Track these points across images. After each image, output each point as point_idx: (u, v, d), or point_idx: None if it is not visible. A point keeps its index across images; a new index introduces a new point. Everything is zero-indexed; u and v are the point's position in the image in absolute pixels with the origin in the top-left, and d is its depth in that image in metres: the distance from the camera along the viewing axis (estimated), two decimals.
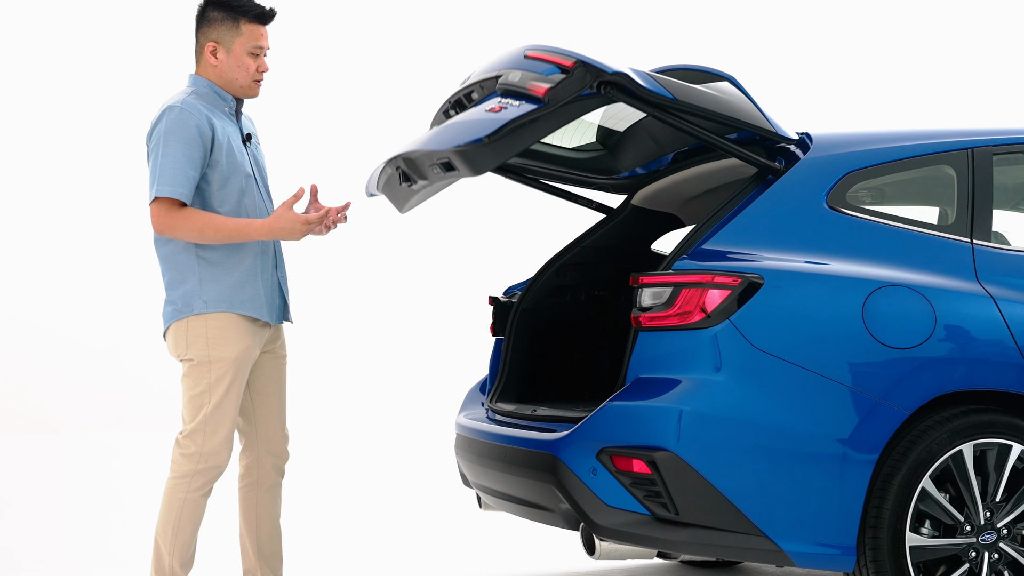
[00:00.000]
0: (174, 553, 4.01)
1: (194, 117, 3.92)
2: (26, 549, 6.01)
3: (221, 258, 4.00)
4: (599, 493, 3.64)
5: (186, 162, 3.88)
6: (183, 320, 4.01)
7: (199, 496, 4.03)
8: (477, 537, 6.22)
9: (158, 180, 3.89)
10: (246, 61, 4.04)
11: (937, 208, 4.32)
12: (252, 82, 4.08)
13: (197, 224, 3.91)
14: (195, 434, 3.99)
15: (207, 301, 3.99)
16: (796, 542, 3.56)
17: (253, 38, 4.04)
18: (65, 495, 7.95)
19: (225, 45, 4.03)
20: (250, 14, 4.02)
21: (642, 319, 3.72)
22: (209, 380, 3.98)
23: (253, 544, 4.25)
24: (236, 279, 4.02)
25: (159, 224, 3.92)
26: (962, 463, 3.69)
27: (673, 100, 3.76)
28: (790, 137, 4.00)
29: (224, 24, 4.02)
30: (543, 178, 5.06)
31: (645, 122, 4.67)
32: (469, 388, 5.12)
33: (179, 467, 4.01)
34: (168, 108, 3.95)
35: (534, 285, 4.94)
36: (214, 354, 3.98)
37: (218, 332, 3.99)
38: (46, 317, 12.44)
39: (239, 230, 3.95)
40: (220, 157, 3.97)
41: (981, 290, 3.82)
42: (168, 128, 3.91)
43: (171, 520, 4.01)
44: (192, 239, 3.94)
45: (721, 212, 3.85)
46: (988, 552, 3.71)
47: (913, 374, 3.65)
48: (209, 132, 3.94)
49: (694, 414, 3.54)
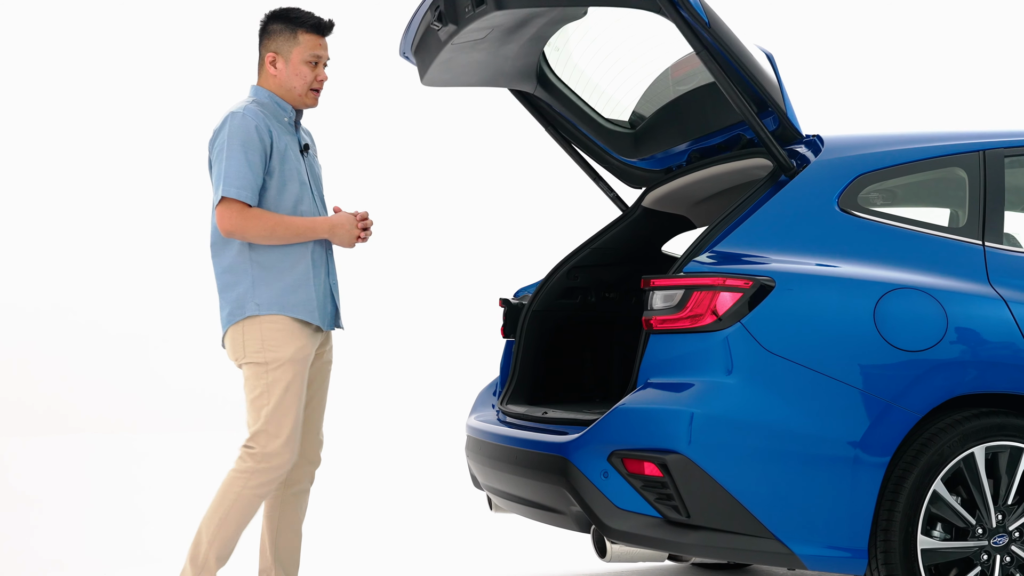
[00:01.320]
0: (213, 543, 4.02)
1: (254, 121, 4.02)
2: (50, 549, 6.03)
3: (274, 262, 4.07)
4: (610, 496, 3.64)
5: (248, 165, 3.99)
6: (239, 324, 4.07)
7: (254, 495, 4.05)
8: (488, 539, 6.22)
9: (224, 182, 3.97)
10: (303, 70, 4.14)
11: (949, 210, 4.31)
12: (309, 91, 4.18)
13: (268, 223, 4.00)
14: (258, 436, 4.04)
15: (259, 303, 4.05)
16: (807, 545, 3.55)
17: (310, 47, 4.15)
18: (88, 495, 7.98)
19: (283, 55, 4.14)
20: (307, 24, 4.14)
21: (653, 322, 3.72)
22: (267, 381, 4.04)
23: (272, 545, 4.27)
24: (289, 282, 4.07)
25: (229, 225, 3.98)
26: (974, 466, 3.68)
27: (706, 23, 3.77)
28: (799, 128, 4.00)
29: (283, 35, 4.14)
30: (573, 140, 5.15)
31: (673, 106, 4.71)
32: (480, 390, 5.12)
33: (241, 462, 4.06)
34: (231, 114, 4.05)
35: (545, 287, 4.95)
36: (269, 355, 4.04)
37: (272, 334, 4.04)
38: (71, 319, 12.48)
39: (307, 227, 4.07)
40: (277, 164, 4.07)
41: (993, 292, 3.81)
42: (231, 133, 4.01)
43: (220, 511, 4.03)
44: (262, 239, 4.01)
45: (732, 215, 3.85)
46: (1000, 555, 3.70)
47: (925, 377, 3.65)
48: (268, 139, 4.04)
49: (705, 417, 3.54)
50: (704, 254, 3.76)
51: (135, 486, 8.42)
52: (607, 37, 4.74)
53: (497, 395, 4.90)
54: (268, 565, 4.27)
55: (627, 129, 5.03)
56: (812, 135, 4.09)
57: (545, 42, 4.77)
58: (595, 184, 5.30)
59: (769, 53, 4.04)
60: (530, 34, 4.62)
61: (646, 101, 4.92)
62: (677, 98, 4.71)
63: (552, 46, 4.85)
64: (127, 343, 12.56)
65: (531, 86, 5.00)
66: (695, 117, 4.63)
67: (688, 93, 4.64)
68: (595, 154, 5.14)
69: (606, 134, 5.04)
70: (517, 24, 4.48)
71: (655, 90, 4.85)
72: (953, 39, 13.62)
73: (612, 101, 5.00)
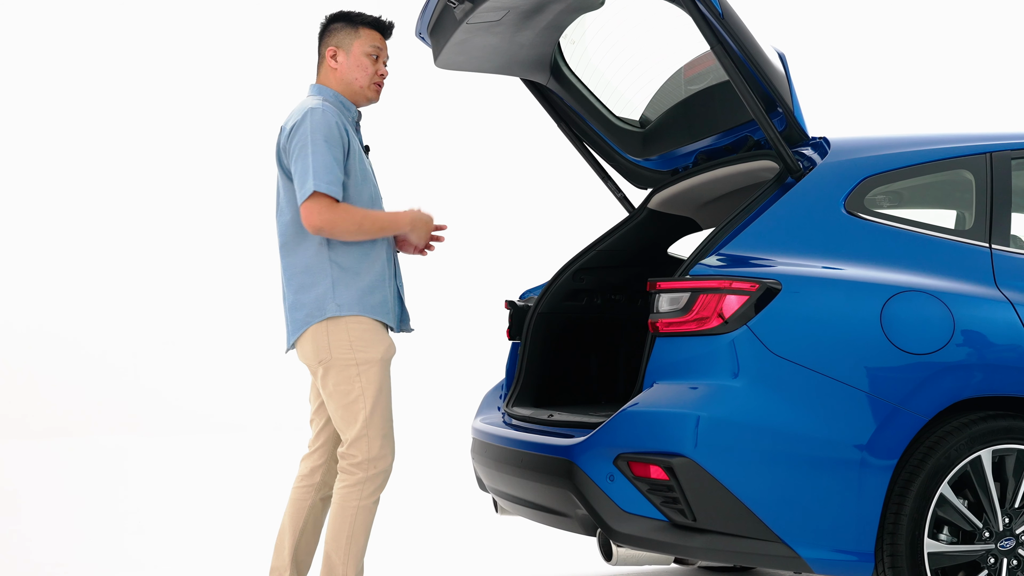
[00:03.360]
0: (348, 563, 4.00)
1: (333, 118, 3.98)
2: (45, 552, 6.03)
3: (353, 263, 4.02)
4: (616, 499, 3.63)
5: (333, 160, 3.93)
6: (321, 324, 3.99)
7: (371, 503, 4.03)
8: (493, 542, 6.21)
9: (313, 176, 3.89)
10: (364, 61, 4.13)
11: (955, 212, 4.30)
12: (372, 84, 4.16)
13: (357, 217, 3.95)
14: (359, 442, 3.99)
15: (340, 304, 3.99)
16: (814, 548, 3.54)
17: (371, 39, 4.14)
18: (82, 499, 7.98)
19: (344, 48, 4.13)
20: (368, 21, 4.15)
21: (659, 324, 3.71)
22: (361, 384, 3.99)
23: (292, 545, 4.21)
24: (367, 284, 4.03)
25: (319, 220, 3.90)
26: (980, 469, 3.67)
27: (720, 15, 3.77)
28: (806, 130, 3.99)
29: (344, 31, 4.14)
30: (583, 136, 5.16)
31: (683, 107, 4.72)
32: (486, 392, 5.12)
33: (350, 476, 4.00)
34: (311, 110, 3.98)
35: (550, 289, 4.94)
36: (360, 356, 3.99)
37: (360, 334, 3.99)
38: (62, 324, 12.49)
39: (391, 221, 4.05)
40: (354, 164, 4.04)
41: (1000, 295, 3.80)
42: (314, 128, 3.94)
43: (345, 529, 4.00)
44: (351, 235, 3.96)
45: (738, 217, 3.84)
46: (1007, 558, 3.69)
47: (931, 380, 3.63)
48: (346, 136, 4.01)
49: (712, 420, 3.53)
50: (710, 257, 3.75)
51: (125, 490, 8.42)
52: (622, 32, 4.74)
53: (503, 397, 4.90)
54: (283, 564, 4.22)
55: (636, 128, 5.03)
56: (819, 137, 4.08)
57: (561, 32, 4.77)
58: (603, 183, 5.30)
59: (781, 53, 4.04)
60: (546, 22, 4.61)
61: (657, 100, 4.92)
62: (687, 98, 4.71)
63: (568, 38, 4.85)
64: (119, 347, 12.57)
65: (544, 77, 5.00)
66: (703, 118, 4.62)
67: (697, 93, 4.64)
68: (604, 152, 5.14)
69: (616, 132, 5.04)
70: (533, 8, 4.48)
71: (667, 90, 4.85)
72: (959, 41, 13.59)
73: (623, 99, 5.00)
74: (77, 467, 9.86)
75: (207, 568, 5.67)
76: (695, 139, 4.71)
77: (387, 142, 12.23)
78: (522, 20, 4.56)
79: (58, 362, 12.39)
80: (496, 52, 4.78)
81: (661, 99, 4.91)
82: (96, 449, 11.04)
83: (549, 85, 5.04)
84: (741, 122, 4.42)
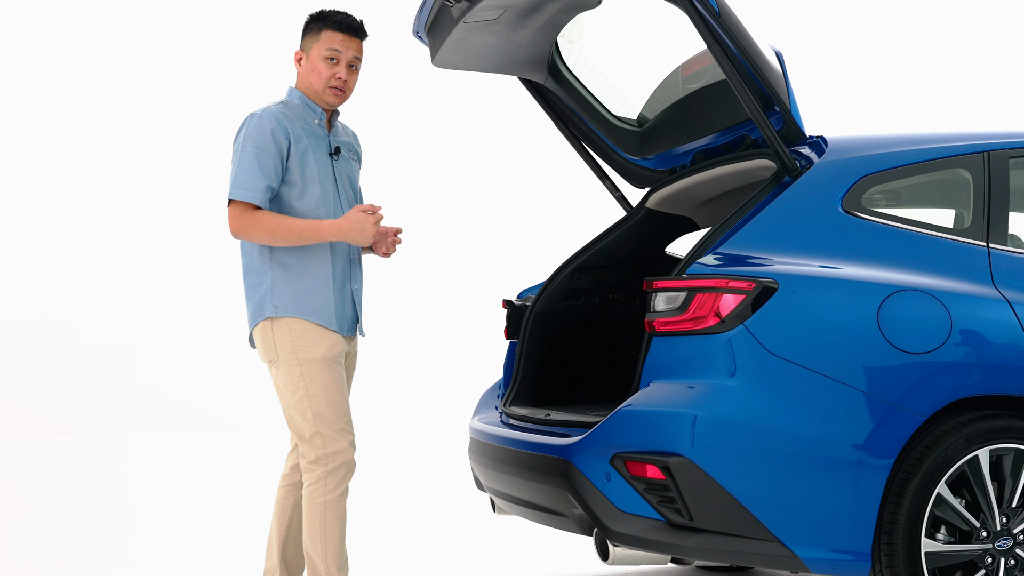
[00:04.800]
0: (328, 559, 4.03)
1: (270, 124, 4.02)
2: (45, 551, 6.02)
3: (294, 263, 4.06)
4: (613, 498, 3.63)
5: (259, 167, 3.98)
6: (265, 323, 4.06)
7: (337, 496, 4.05)
8: (491, 541, 6.21)
9: (232, 184, 4.00)
10: (319, 66, 4.12)
11: (953, 211, 4.30)
12: (327, 88, 4.14)
13: (269, 226, 3.98)
14: (313, 439, 4.03)
15: (277, 305, 4.04)
16: (810, 548, 3.54)
17: (328, 43, 4.12)
18: (83, 498, 7.98)
19: (306, 51, 4.16)
20: (330, 21, 4.13)
21: (656, 324, 3.71)
22: (305, 383, 4.03)
23: (280, 545, 4.26)
24: (307, 286, 4.06)
25: (234, 226, 4.00)
26: (978, 468, 3.67)
27: (716, 13, 3.76)
28: (803, 128, 3.99)
29: (310, 34, 4.15)
30: (581, 135, 5.16)
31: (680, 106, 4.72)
32: (483, 392, 5.11)
33: (309, 475, 4.05)
34: (250, 116, 4.07)
35: (548, 288, 4.94)
36: (302, 356, 4.03)
37: (300, 335, 4.04)
38: (63, 323, 12.48)
39: (310, 230, 4.01)
40: (296, 167, 4.05)
41: (997, 294, 3.79)
42: (246, 134, 4.03)
43: (317, 527, 4.03)
44: (266, 241, 4.00)
45: (736, 216, 3.83)
46: (1004, 558, 3.68)
47: (929, 379, 3.63)
48: (285, 141, 4.03)
49: (708, 419, 3.53)
50: (707, 256, 3.74)
51: (128, 490, 8.42)
52: (620, 31, 4.74)
53: (500, 397, 4.89)
54: (274, 565, 4.26)
55: (634, 127, 5.03)
56: (816, 136, 4.08)
57: (558, 31, 4.77)
58: (601, 182, 5.30)
59: (778, 51, 4.03)
60: (543, 20, 4.61)
61: (655, 99, 4.92)
62: (684, 97, 4.70)
63: (565, 37, 4.85)
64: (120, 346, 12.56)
65: (542, 76, 4.99)
66: (701, 116, 4.62)
67: (695, 92, 4.63)
68: (601, 151, 5.14)
69: (613, 131, 5.04)
70: (530, 7, 4.47)
71: (664, 89, 4.85)
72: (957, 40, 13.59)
73: (621, 98, 5.00)
74: (77, 466, 9.85)
75: (207, 567, 5.67)
76: (693, 138, 4.70)
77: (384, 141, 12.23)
78: (519, 19, 4.55)
79: (58, 361, 12.38)
80: (493, 51, 4.78)
81: (659, 98, 4.91)
82: (96, 448, 11.03)
83: (547, 84, 5.03)
84: (738, 121, 4.41)
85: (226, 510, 7.41)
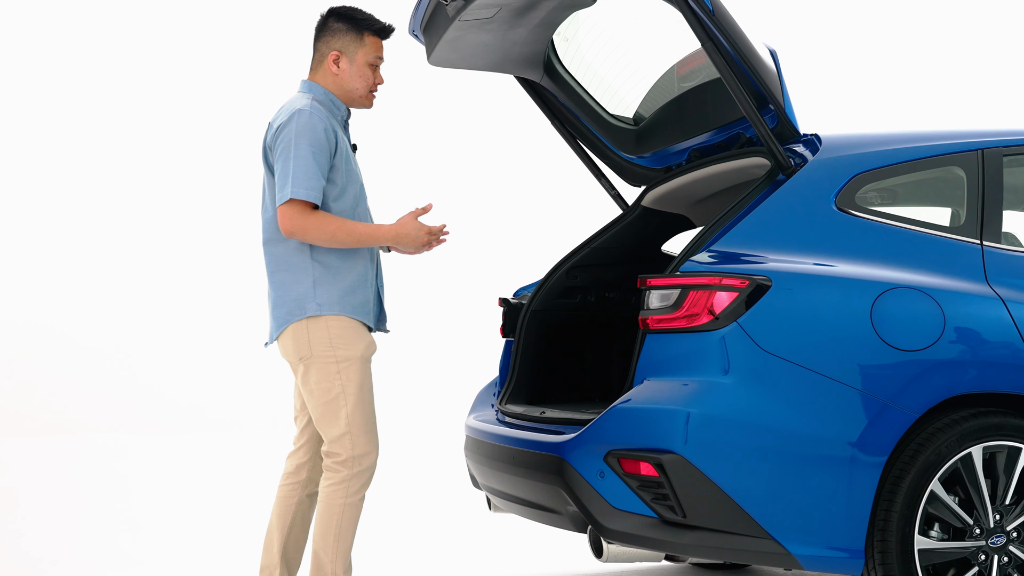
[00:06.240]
0: (337, 560, 4.02)
1: (322, 122, 3.97)
2: (42, 550, 6.03)
3: (336, 262, 4.03)
4: (606, 496, 3.63)
5: (316, 166, 3.92)
6: (301, 322, 4.01)
7: (357, 500, 4.05)
8: (487, 539, 6.21)
9: (292, 182, 3.90)
10: (366, 72, 4.12)
11: (947, 209, 4.30)
12: (368, 93, 4.15)
13: (330, 227, 3.93)
14: (342, 439, 4.01)
15: (321, 304, 4.00)
16: (804, 545, 3.54)
17: (375, 50, 4.12)
18: (79, 496, 7.98)
19: (348, 55, 4.11)
20: (373, 28, 4.11)
21: (650, 321, 3.71)
22: (342, 381, 4.00)
23: (280, 542, 4.23)
24: (348, 284, 4.04)
25: (292, 226, 3.92)
26: (971, 466, 3.67)
27: (710, 11, 3.76)
28: (797, 126, 3.99)
29: (348, 35, 4.10)
30: (576, 134, 5.16)
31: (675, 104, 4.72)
32: (479, 390, 5.12)
33: (334, 475, 4.02)
34: (298, 111, 3.97)
35: (544, 286, 4.94)
36: (340, 354, 4.00)
37: (340, 332, 4.01)
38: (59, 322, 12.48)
39: (368, 234, 4.00)
40: (340, 164, 4.02)
41: (991, 292, 3.80)
42: (299, 131, 3.94)
43: (332, 527, 4.02)
44: (323, 242, 3.95)
45: (729, 214, 3.84)
46: (998, 555, 3.69)
47: (922, 376, 3.63)
48: (334, 139, 4.00)
49: (701, 417, 3.53)
50: (701, 253, 3.74)
51: (122, 487, 8.41)
52: (616, 30, 4.74)
53: (497, 395, 4.90)
54: (272, 562, 4.23)
55: (630, 125, 5.03)
56: (810, 134, 4.08)
57: (554, 29, 4.77)
58: (597, 181, 5.30)
59: (773, 50, 4.03)
60: (538, 19, 4.61)
61: (650, 98, 4.92)
62: (679, 95, 4.71)
63: (561, 36, 4.85)
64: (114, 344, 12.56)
65: (538, 75, 5.00)
66: (696, 115, 4.63)
67: (690, 91, 4.64)
68: (597, 149, 5.14)
69: (609, 129, 5.04)
70: (526, 6, 4.47)
71: (660, 87, 4.85)
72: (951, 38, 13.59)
73: (617, 96, 5.00)
74: (73, 465, 9.85)
75: (202, 565, 5.67)
76: (688, 136, 4.71)
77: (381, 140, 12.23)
78: (515, 17, 4.55)
79: (54, 359, 12.38)
80: (489, 50, 4.78)
81: (654, 96, 4.91)
82: (92, 446, 11.03)
83: (543, 82, 5.04)
84: (734, 119, 4.42)
85: (220, 508, 7.41)
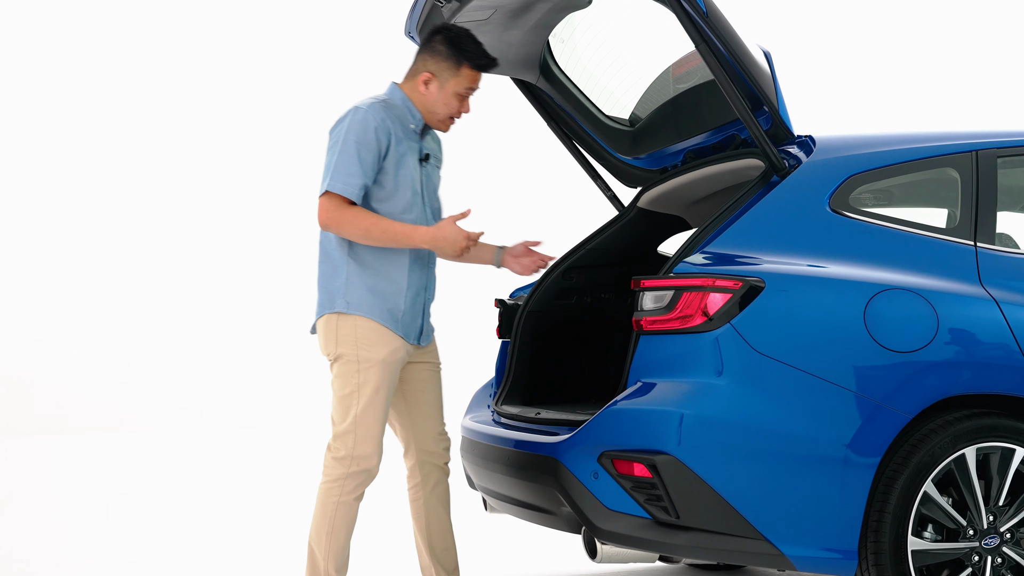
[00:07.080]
0: (329, 558, 4.04)
1: (374, 122, 3.98)
2: (33, 551, 6.02)
3: (371, 261, 4.04)
4: (600, 497, 3.63)
5: (359, 163, 3.94)
6: (332, 315, 4.04)
7: (352, 500, 4.05)
8: (482, 540, 6.21)
9: (331, 175, 3.95)
10: (452, 101, 4.12)
11: (941, 211, 4.31)
12: (448, 118, 4.15)
13: (364, 223, 3.95)
14: (345, 436, 4.02)
15: (349, 302, 4.02)
16: (797, 546, 3.55)
17: (468, 82, 4.12)
18: (71, 497, 7.97)
19: (440, 80, 4.11)
20: (473, 62, 4.10)
21: (643, 322, 3.72)
22: (358, 380, 4.01)
23: (425, 542, 4.31)
24: (381, 288, 4.05)
25: (325, 218, 3.95)
26: (965, 467, 3.68)
27: (704, 13, 3.77)
28: (791, 128, 4.00)
29: (447, 62, 4.09)
30: (573, 135, 5.16)
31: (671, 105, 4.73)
32: (476, 391, 5.12)
33: (331, 471, 4.04)
34: (354, 108, 4.02)
35: (540, 287, 4.95)
36: (363, 354, 4.01)
37: (367, 333, 4.02)
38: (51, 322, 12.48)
39: (404, 234, 3.99)
40: (391, 168, 4.03)
41: (984, 293, 3.80)
42: (349, 127, 3.98)
43: (325, 525, 4.04)
44: (356, 238, 3.97)
45: (723, 215, 3.84)
46: (991, 556, 3.70)
47: (916, 378, 3.64)
48: (386, 141, 4.00)
49: (695, 418, 3.54)
50: (695, 255, 3.75)
51: (115, 488, 8.41)
52: (611, 31, 4.74)
53: (492, 396, 4.90)
54: (426, 564, 4.33)
55: (626, 126, 5.04)
56: (804, 135, 4.09)
57: (550, 31, 4.78)
58: (593, 182, 5.31)
59: (767, 51, 4.04)
60: (534, 21, 4.62)
61: (646, 99, 4.93)
62: (675, 97, 4.71)
63: (557, 37, 4.86)
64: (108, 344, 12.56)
65: (534, 76, 5.00)
66: (692, 116, 4.63)
67: (685, 92, 4.64)
68: (593, 151, 5.15)
69: (605, 130, 5.05)
70: (521, 7, 4.48)
71: (655, 89, 4.86)
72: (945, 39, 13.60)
73: (613, 97, 5.01)
74: (66, 465, 9.84)
75: (196, 567, 5.67)
76: (683, 137, 4.72)
77: None
78: (510, 19, 4.56)
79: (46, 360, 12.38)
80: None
81: (650, 98, 4.92)
82: (85, 447, 11.03)
83: (539, 84, 5.04)
84: (728, 120, 4.42)
85: (215, 510, 7.41)
